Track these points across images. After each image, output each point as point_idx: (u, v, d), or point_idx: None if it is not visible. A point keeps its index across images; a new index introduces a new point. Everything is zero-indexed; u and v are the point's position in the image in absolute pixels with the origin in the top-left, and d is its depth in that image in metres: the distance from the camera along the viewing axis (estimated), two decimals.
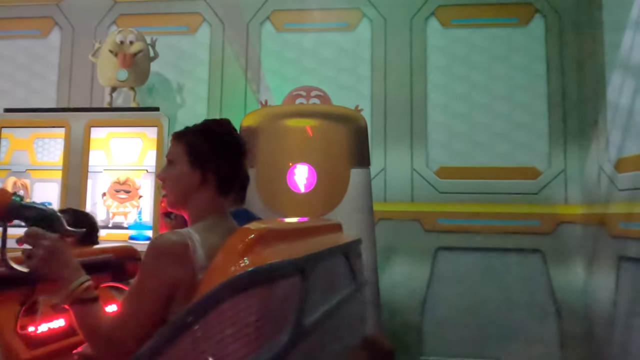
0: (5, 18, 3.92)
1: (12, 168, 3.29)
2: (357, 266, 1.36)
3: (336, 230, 1.46)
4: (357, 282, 1.34)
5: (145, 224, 3.12)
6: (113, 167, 3.20)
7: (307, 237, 1.10)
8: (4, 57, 3.89)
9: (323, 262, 1.02)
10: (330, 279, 1.13)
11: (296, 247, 0.95)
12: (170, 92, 3.69)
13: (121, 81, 3.35)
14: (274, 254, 0.82)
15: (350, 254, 1.31)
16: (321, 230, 1.29)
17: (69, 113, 3.29)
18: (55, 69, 3.81)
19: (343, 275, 1.26)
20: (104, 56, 3.40)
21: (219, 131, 1.12)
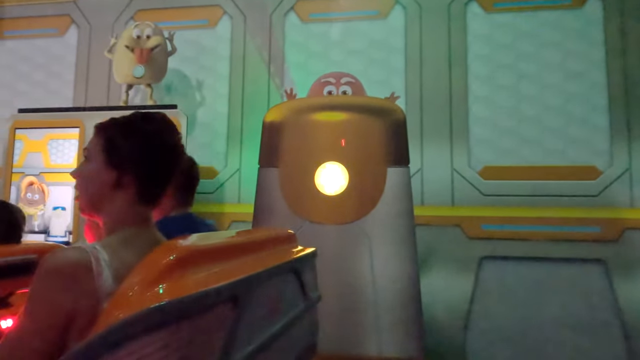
0: (23, 17, 3.81)
1: (26, 171, 3.14)
2: (309, 281, 1.22)
3: (287, 241, 1.28)
4: (308, 299, 1.19)
5: None
6: None
7: (246, 254, 0.93)
8: (22, 57, 3.78)
9: (264, 283, 0.89)
10: (276, 301, 0.99)
11: (231, 267, 0.79)
12: (189, 89, 3.48)
13: (138, 78, 3.17)
14: (199, 279, 0.67)
15: (300, 270, 1.15)
16: (266, 244, 1.11)
17: (83, 113, 3.11)
18: (72, 68, 3.67)
19: (292, 294, 1.11)
20: (120, 52, 3.23)
21: (144, 128, 0.95)
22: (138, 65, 3.16)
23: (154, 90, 3.25)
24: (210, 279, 0.68)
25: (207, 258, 0.75)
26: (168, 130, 0.99)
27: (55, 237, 3.04)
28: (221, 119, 3.38)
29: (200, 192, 3.41)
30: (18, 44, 3.80)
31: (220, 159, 3.35)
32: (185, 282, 0.64)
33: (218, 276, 0.71)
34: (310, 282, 1.24)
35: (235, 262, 0.84)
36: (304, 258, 1.21)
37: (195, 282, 0.65)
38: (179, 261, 0.66)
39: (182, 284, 0.63)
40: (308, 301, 1.19)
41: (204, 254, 0.75)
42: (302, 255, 1.20)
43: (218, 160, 3.35)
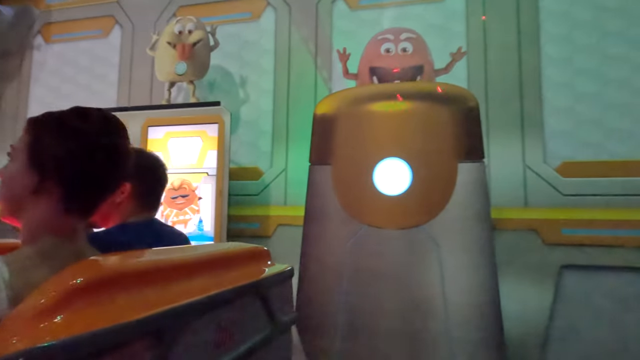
0: (68, 20, 3.81)
1: None
2: (278, 304, 1.07)
3: (253, 259, 1.11)
4: (277, 324, 1.05)
5: (207, 234, 2.73)
6: (172, 170, 2.85)
7: (187, 277, 0.78)
8: (67, 60, 3.77)
9: (206, 312, 0.75)
10: (226, 331, 0.83)
11: (161, 294, 0.66)
12: (232, 85, 3.31)
13: (180, 75, 3.04)
14: (111, 309, 0.55)
15: (266, 292, 1.01)
16: (217, 264, 0.93)
17: (126, 113, 3.01)
18: (116, 69, 3.61)
19: (253, 320, 0.98)
20: (162, 49, 3.11)
21: (76, 125, 0.80)
22: (180, 62, 3.03)
23: (196, 88, 3.10)
24: (128, 310, 0.57)
25: (128, 282, 0.62)
26: (106, 129, 0.83)
27: None
28: (266, 116, 3.19)
29: (244, 194, 3.25)
30: (64, 47, 3.80)
31: (266, 158, 3.15)
32: (92, 312, 0.52)
33: (140, 306, 0.59)
34: (282, 304, 1.09)
35: (170, 287, 0.70)
36: (271, 279, 1.05)
37: (105, 313, 0.53)
38: (86, 285, 0.54)
39: (87, 314, 0.51)
40: (277, 327, 1.04)
41: (124, 276, 0.63)
42: (267, 276, 1.04)
43: (263, 160, 3.15)
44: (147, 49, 3.25)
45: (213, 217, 2.71)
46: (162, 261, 0.80)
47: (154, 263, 0.77)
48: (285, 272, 1.13)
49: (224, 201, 2.70)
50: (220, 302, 0.81)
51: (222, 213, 2.69)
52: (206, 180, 2.79)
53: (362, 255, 1.98)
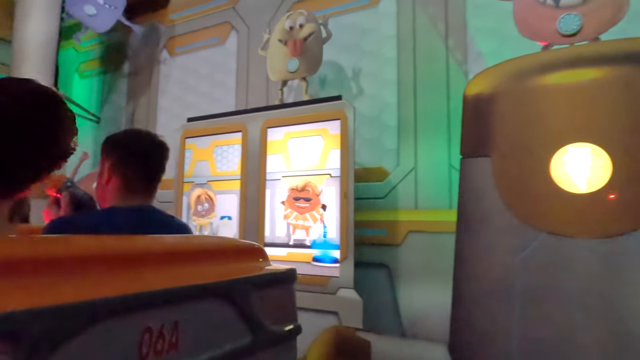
0: (189, 32, 3.92)
1: (195, 180, 3.09)
2: (264, 312, 0.89)
3: (235, 256, 0.97)
4: (259, 333, 0.87)
5: (331, 242, 2.48)
6: (292, 173, 2.68)
7: (118, 269, 0.67)
8: (189, 70, 3.88)
9: (118, 314, 0.61)
10: (167, 336, 0.68)
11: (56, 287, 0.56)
12: (345, 80, 3.05)
13: (292, 72, 2.91)
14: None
15: (239, 296, 0.84)
16: (177, 258, 0.81)
17: (245, 115, 2.93)
18: (233, 74, 3.60)
19: (219, 326, 0.80)
20: (273, 47, 3.00)
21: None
22: (292, 59, 2.91)
23: (309, 85, 2.92)
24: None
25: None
26: (39, 95, 0.79)
27: None
28: (390, 109, 2.86)
29: (368, 198, 2.97)
30: (186, 59, 3.93)
31: (391, 157, 2.82)
32: None
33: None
34: (272, 311, 0.95)
35: (75, 280, 0.60)
36: (251, 280, 0.91)
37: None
38: None
39: None
40: (261, 337, 0.89)
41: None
42: (243, 277, 0.90)
43: (388, 158, 2.82)
44: (259, 49, 3.16)
45: (338, 222, 2.45)
46: (79, 250, 0.68)
47: (63, 251, 0.65)
48: (277, 274, 0.97)
49: (349, 205, 2.43)
50: (147, 303, 0.67)
51: (347, 218, 2.42)
52: (329, 182, 2.54)
53: (541, 272, 1.53)
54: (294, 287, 1.03)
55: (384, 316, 2.68)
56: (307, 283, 2.49)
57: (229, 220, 2.89)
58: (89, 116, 4.36)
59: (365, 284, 2.58)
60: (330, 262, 2.46)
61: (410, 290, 2.66)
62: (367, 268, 2.72)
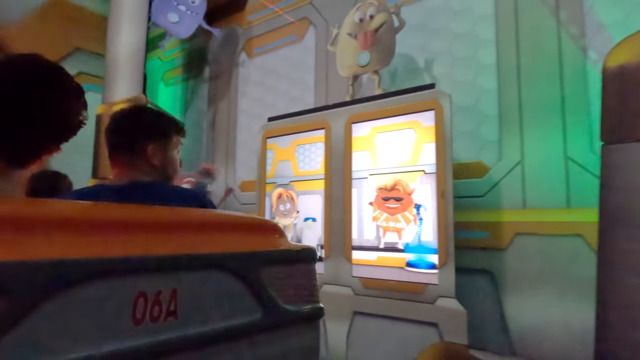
0: (267, 32, 3.89)
1: (278, 181, 3.01)
2: (270, 288, 0.87)
3: (248, 230, 0.94)
4: (270, 310, 0.87)
5: (427, 245, 2.24)
6: (380, 170, 2.48)
7: (107, 233, 0.68)
8: (267, 70, 3.84)
9: (105, 276, 0.63)
10: (164, 304, 0.70)
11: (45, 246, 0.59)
12: (418, 71, 2.80)
13: (363, 66, 2.78)
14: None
15: (243, 270, 0.83)
16: (178, 229, 0.80)
17: (328, 112, 2.79)
18: (312, 71, 3.49)
19: (224, 300, 0.80)
20: (342, 42, 2.91)
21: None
22: (362, 52, 2.78)
23: (381, 78, 2.79)
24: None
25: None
26: (22, 72, 0.81)
27: None
28: (488, 96, 2.55)
29: (465, 196, 2.68)
30: (264, 59, 3.90)
31: (491, 150, 2.51)
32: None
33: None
34: (290, 290, 0.92)
35: (67, 240, 0.63)
36: (260, 255, 0.88)
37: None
38: None
39: None
40: (272, 314, 0.86)
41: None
42: (250, 252, 0.87)
43: (488, 152, 2.52)
44: (328, 45, 3.05)
45: (435, 224, 2.21)
46: (70, 212, 0.71)
47: (56, 212, 0.69)
48: (292, 252, 0.96)
49: (447, 204, 2.17)
50: (140, 268, 0.68)
51: (446, 219, 2.17)
52: (423, 179, 2.31)
53: None
54: (313, 266, 1.00)
55: (488, 330, 2.38)
56: (400, 290, 2.27)
57: (313, 222, 2.77)
58: None
59: (465, 292, 2.31)
60: (427, 268, 2.23)
61: (519, 301, 2.33)
62: (467, 275, 2.44)
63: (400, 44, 2.76)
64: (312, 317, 0.98)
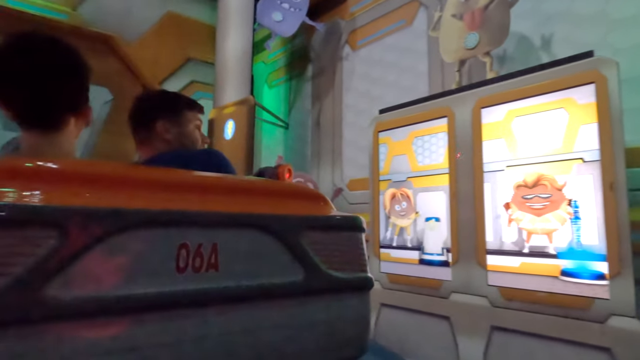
0: (371, 21, 3.67)
1: (393, 177, 2.76)
2: (311, 252, 0.90)
3: (291, 197, 0.98)
4: (310, 272, 0.89)
5: (592, 249, 1.81)
6: (521, 161, 2.10)
7: (155, 190, 0.77)
8: (373, 62, 3.62)
9: (150, 225, 0.71)
10: (206, 257, 0.76)
11: (105, 197, 0.69)
12: (532, 50, 2.31)
13: (471, 49, 2.48)
14: (16, 196, 0.63)
15: (283, 232, 0.87)
16: (223, 191, 0.88)
17: (450, 97, 2.47)
18: (424, 56, 3.18)
19: (264, 260, 0.84)
20: (446, 24, 2.64)
21: None
22: (470, 33, 2.49)
23: (493, 60, 2.43)
24: (35, 199, 0.64)
25: (56, 178, 0.70)
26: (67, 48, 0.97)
27: (431, 255, 2.47)
28: None
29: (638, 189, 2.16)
30: (369, 50, 3.68)
31: None
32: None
33: (50, 199, 0.65)
34: (334, 257, 0.94)
35: (119, 195, 0.72)
36: (301, 219, 0.91)
37: (15, 196, 0.62)
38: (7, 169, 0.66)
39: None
40: (314, 278, 0.89)
41: (51, 172, 0.71)
42: (295, 215, 0.91)
43: None
44: (430, 30, 2.77)
45: (601, 224, 1.78)
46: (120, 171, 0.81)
47: (108, 170, 0.79)
48: (335, 219, 0.97)
49: (620, 199, 1.73)
50: (181, 221, 0.75)
51: (618, 217, 1.73)
52: (580, 169, 1.88)
53: None
54: (359, 235, 0.99)
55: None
56: (555, 304, 1.88)
57: (437, 222, 2.46)
58: (279, 122, 4.52)
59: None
60: (592, 278, 1.80)
61: None
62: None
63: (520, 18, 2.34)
64: (359, 287, 0.97)
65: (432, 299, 2.40)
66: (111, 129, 3.95)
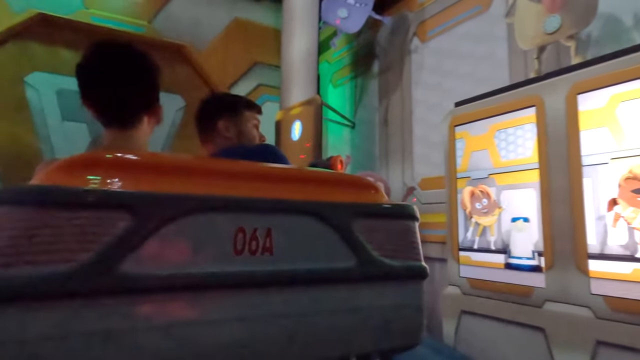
0: (442, 10, 3.47)
1: (472, 175, 2.56)
2: (362, 239, 0.92)
3: (345, 186, 1.01)
4: (362, 259, 0.91)
5: None
6: (627, 153, 1.83)
7: (217, 179, 0.85)
8: (444, 53, 3.42)
9: (207, 211, 0.78)
10: (261, 241, 0.82)
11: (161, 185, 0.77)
12: (621, 29, 1.97)
13: (551, 33, 2.24)
14: (95, 182, 0.72)
15: (333, 219, 0.90)
16: (280, 180, 0.94)
17: (536, 85, 2.23)
18: (503, 43, 2.93)
19: (317, 244, 0.88)
20: (522, 9, 2.39)
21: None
22: (550, 16, 2.23)
23: (578, 43, 2.17)
24: (113, 186, 0.73)
25: (133, 169, 0.78)
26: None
27: (520, 259, 2.25)
28: None
29: None
30: (440, 41, 3.48)
31: None
32: (75, 180, 0.71)
33: (125, 186, 0.73)
34: (386, 244, 0.94)
35: (188, 182, 0.80)
36: (351, 207, 0.93)
37: (81, 183, 0.71)
38: (87, 163, 0.75)
39: (69, 180, 0.71)
40: (365, 264, 0.91)
41: (130, 164, 0.79)
42: (345, 203, 0.93)
43: None
44: (504, 16, 2.54)
45: None
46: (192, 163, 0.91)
47: (184, 163, 0.88)
48: (385, 207, 0.99)
49: None
50: (238, 206, 0.81)
51: None
52: None
53: None
54: (412, 224, 0.99)
55: None
56: None
57: (525, 222, 2.24)
58: (345, 122, 4.44)
59: None
60: None
61: None
62: None
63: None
64: (412, 275, 0.98)
65: (522, 308, 2.18)
66: (184, 134, 4.11)
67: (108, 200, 0.70)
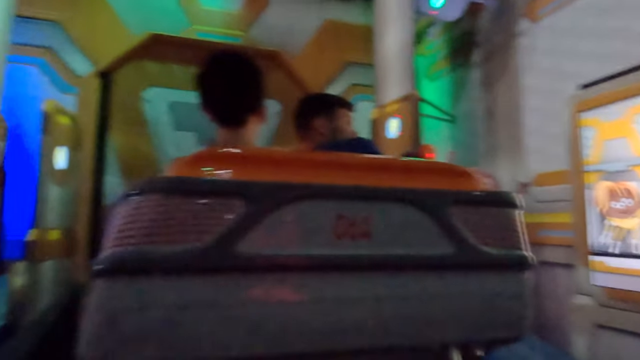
0: None
1: (606, 167, 2.21)
2: (460, 226, 0.92)
3: (440, 174, 1.03)
4: (460, 247, 0.91)
5: None
6: None
7: (318, 170, 0.92)
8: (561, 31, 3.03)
9: (313, 198, 0.85)
10: (361, 227, 0.86)
11: (279, 175, 0.86)
12: None
13: None
14: (211, 174, 0.82)
15: (431, 207, 0.91)
16: (380, 169, 0.99)
17: None
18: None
19: (414, 231, 0.90)
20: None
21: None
22: None
23: None
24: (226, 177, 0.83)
25: (244, 162, 0.88)
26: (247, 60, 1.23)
27: None
28: None
29: None
30: (555, 18, 3.10)
31: None
32: (198, 172, 0.82)
33: (240, 176, 0.83)
34: (485, 232, 0.93)
35: (294, 172, 0.89)
36: (448, 194, 0.94)
37: (203, 175, 0.82)
38: (211, 157, 0.87)
39: (193, 172, 0.81)
40: (464, 252, 0.91)
41: (242, 157, 0.90)
42: (442, 190, 0.94)
43: None
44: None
45: None
46: (291, 156, 0.99)
47: (292, 157, 0.98)
48: (484, 194, 0.98)
49: None
50: (339, 194, 0.86)
51: None
52: None
53: None
54: (513, 212, 0.97)
55: None
56: None
57: None
58: (444, 116, 4.19)
59: None
60: None
61: None
62: None
63: None
64: (514, 265, 0.96)
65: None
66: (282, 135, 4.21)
67: (228, 189, 0.80)
